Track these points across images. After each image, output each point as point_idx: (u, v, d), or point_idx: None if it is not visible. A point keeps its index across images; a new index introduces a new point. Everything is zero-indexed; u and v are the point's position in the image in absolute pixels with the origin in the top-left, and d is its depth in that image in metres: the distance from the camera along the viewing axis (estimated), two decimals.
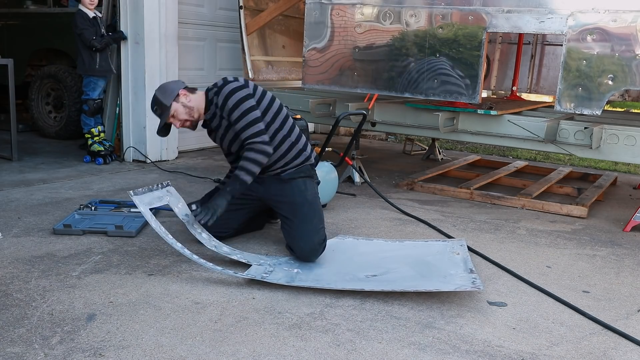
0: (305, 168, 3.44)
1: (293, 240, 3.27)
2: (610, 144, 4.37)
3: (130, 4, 5.59)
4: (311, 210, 3.31)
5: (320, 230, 3.28)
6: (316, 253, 3.24)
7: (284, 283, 2.90)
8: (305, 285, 2.89)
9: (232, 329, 2.46)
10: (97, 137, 5.59)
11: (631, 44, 3.99)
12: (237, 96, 3.22)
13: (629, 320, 2.76)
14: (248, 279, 2.96)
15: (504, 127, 4.75)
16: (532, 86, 7.66)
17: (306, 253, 3.21)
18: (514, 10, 4.32)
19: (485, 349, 2.41)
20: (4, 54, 5.88)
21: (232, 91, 3.23)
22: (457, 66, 4.54)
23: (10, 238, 3.43)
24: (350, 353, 2.31)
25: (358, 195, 4.86)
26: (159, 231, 3.00)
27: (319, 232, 3.26)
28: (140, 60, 5.64)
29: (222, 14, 6.56)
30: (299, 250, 3.23)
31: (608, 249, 3.81)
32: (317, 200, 3.42)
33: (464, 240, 3.61)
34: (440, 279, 3.02)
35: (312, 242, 3.21)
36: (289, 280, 2.94)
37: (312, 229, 3.24)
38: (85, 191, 4.57)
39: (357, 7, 4.92)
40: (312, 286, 2.89)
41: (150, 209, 3.06)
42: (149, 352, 2.24)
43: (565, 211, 4.60)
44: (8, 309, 2.53)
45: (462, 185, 5.09)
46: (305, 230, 3.23)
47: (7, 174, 5.00)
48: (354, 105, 5.07)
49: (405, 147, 7.31)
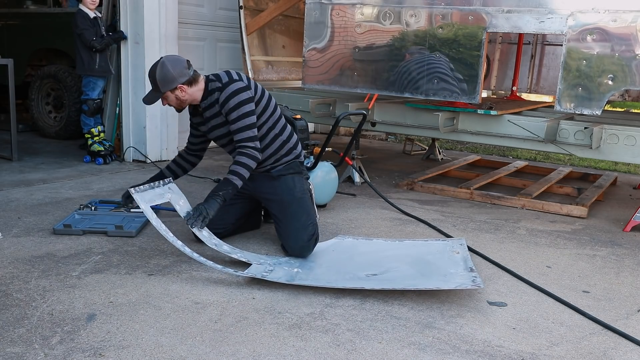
0: (294, 164, 3.49)
1: (284, 239, 3.38)
2: (610, 144, 4.37)
3: (130, 4, 5.59)
4: (299, 208, 3.37)
5: (309, 227, 3.32)
6: (307, 249, 3.30)
7: (284, 282, 2.90)
8: (306, 284, 2.89)
9: (232, 329, 2.46)
10: (97, 137, 5.59)
11: (631, 44, 3.99)
12: (239, 97, 3.22)
13: (629, 320, 2.76)
14: (248, 279, 2.96)
15: (504, 127, 4.75)
16: (532, 86, 7.66)
17: (297, 251, 3.30)
18: (514, 10, 4.32)
19: (485, 349, 2.41)
20: (4, 54, 5.88)
21: (235, 91, 3.23)
22: (457, 66, 4.54)
23: (10, 238, 3.43)
24: (350, 353, 2.31)
25: (358, 195, 4.86)
26: (159, 229, 3.00)
27: (307, 228, 3.31)
28: (140, 60, 5.64)
29: (222, 14, 6.56)
30: (290, 249, 3.32)
31: (608, 249, 3.81)
32: (305, 196, 3.47)
33: (463, 240, 3.61)
34: (440, 277, 3.02)
35: (301, 240, 3.28)
36: (289, 279, 2.94)
37: (300, 226, 3.30)
38: (85, 191, 4.57)
39: (357, 7, 4.92)
40: (312, 285, 2.89)
41: (151, 207, 3.05)
42: (149, 352, 2.24)
43: (565, 211, 4.60)
44: (8, 309, 2.53)
45: (462, 185, 5.09)
46: (293, 229, 3.31)
47: (7, 174, 5.00)
48: (354, 105, 5.07)
49: (405, 147, 7.31)
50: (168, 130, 5.95)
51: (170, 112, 5.92)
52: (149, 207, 3.03)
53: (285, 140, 3.46)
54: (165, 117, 5.89)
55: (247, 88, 3.27)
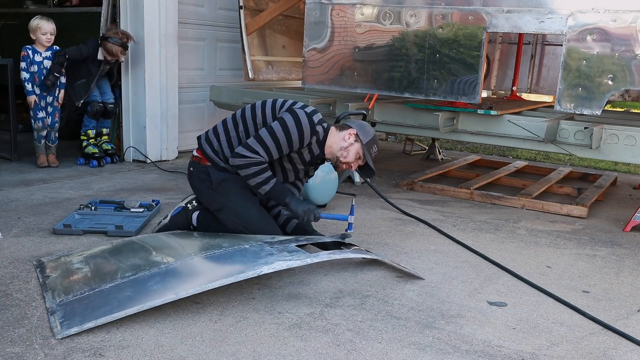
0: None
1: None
2: (610, 144, 4.37)
3: (130, 4, 5.59)
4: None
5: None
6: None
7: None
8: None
9: (232, 329, 2.46)
10: (92, 139, 5.57)
11: (631, 44, 3.99)
12: (296, 118, 3.19)
13: (629, 320, 2.76)
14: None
15: (504, 127, 4.75)
16: (532, 86, 7.67)
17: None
18: (514, 10, 4.32)
19: (485, 349, 2.41)
20: (4, 54, 5.88)
21: (298, 111, 3.23)
22: (457, 66, 4.54)
23: (10, 238, 3.43)
24: (350, 353, 2.31)
25: (358, 195, 4.86)
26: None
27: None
28: (140, 60, 5.64)
29: (222, 14, 6.56)
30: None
31: (608, 249, 3.81)
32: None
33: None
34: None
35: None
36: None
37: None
38: (85, 191, 4.57)
39: (357, 7, 4.92)
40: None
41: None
42: (149, 352, 2.24)
43: (565, 211, 4.60)
44: (8, 309, 2.53)
45: (462, 185, 5.09)
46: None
47: (7, 174, 5.00)
48: (354, 105, 5.08)
49: (405, 147, 7.31)
50: (168, 130, 5.95)
51: (170, 112, 5.93)
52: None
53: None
54: (165, 117, 5.89)
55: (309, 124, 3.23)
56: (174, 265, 2.78)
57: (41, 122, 5.23)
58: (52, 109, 5.26)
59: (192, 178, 3.39)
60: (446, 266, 3.34)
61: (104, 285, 2.64)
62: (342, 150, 3.29)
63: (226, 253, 2.89)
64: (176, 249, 3.10)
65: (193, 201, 3.56)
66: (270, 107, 3.32)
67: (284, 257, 2.73)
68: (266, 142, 3.14)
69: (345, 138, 3.29)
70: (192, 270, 2.78)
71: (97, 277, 2.74)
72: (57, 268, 2.92)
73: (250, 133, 3.27)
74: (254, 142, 3.15)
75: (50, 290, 2.68)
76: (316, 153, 3.35)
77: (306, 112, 3.23)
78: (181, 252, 3.00)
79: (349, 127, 3.33)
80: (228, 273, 2.63)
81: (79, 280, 2.74)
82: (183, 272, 2.75)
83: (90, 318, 2.40)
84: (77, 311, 2.47)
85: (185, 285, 2.59)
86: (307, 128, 3.19)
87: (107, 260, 2.96)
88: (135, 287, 2.60)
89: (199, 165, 3.35)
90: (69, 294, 2.61)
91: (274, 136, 3.15)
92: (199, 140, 3.40)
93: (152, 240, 3.28)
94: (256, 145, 3.14)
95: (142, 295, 2.54)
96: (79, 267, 2.90)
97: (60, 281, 2.76)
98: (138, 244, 3.21)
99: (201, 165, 3.33)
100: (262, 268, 2.63)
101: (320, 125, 3.28)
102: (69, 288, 2.67)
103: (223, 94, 5.96)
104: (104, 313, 2.42)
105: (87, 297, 2.56)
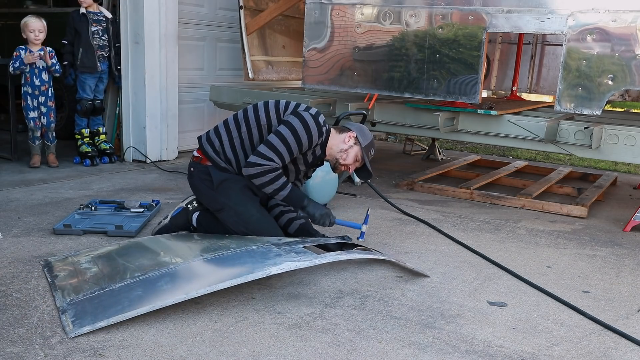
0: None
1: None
2: (610, 144, 4.37)
3: (130, 4, 5.59)
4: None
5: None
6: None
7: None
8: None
9: (232, 329, 2.46)
10: (86, 138, 5.57)
11: (631, 44, 3.99)
12: (304, 121, 3.19)
13: (629, 320, 2.76)
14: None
15: (504, 127, 4.75)
16: (532, 86, 7.67)
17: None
18: (514, 10, 4.32)
19: (485, 349, 2.41)
20: (4, 54, 5.88)
21: (305, 116, 3.23)
22: (457, 66, 4.54)
23: (10, 238, 3.43)
24: (350, 353, 2.32)
25: (358, 195, 4.86)
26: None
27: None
28: (140, 60, 5.64)
29: (222, 14, 6.56)
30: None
31: (608, 249, 3.81)
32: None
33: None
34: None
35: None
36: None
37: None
38: (85, 191, 4.57)
39: (357, 7, 4.92)
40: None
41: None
42: (149, 352, 2.24)
43: (565, 211, 4.60)
44: (8, 309, 2.53)
45: (462, 185, 5.09)
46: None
47: (7, 174, 5.00)
48: (354, 105, 5.07)
49: (405, 147, 7.31)
50: (168, 130, 5.95)
51: (170, 112, 5.93)
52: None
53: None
54: (165, 117, 5.89)
55: (316, 128, 3.23)
56: (182, 266, 2.79)
57: (32, 122, 5.24)
58: (46, 109, 5.26)
59: (192, 178, 3.39)
60: (446, 266, 3.34)
61: (113, 285, 2.65)
62: (341, 152, 3.30)
63: (234, 254, 2.89)
64: (184, 250, 3.11)
65: (193, 202, 3.56)
66: (274, 109, 3.31)
67: (292, 258, 2.73)
68: (278, 148, 3.15)
69: (345, 140, 3.30)
70: (201, 271, 2.79)
71: (107, 277, 2.74)
72: (65, 268, 2.93)
73: (253, 135, 3.27)
74: (265, 149, 3.15)
75: (60, 290, 2.69)
76: (318, 154, 3.36)
77: (312, 115, 3.24)
78: (189, 253, 3.02)
79: (349, 129, 3.33)
80: (237, 274, 2.63)
81: (88, 280, 2.74)
82: (192, 273, 2.76)
83: (102, 317, 2.40)
84: (88, 310, 2.47)
85: (195, 285, 2.59)
86: (315, 131, 3.20)
87: (115, 261, 2.96)
88: (145, 287, 2.61)
89: (199, 166, 3.35)
90: (79, 293, 2.62)
91: (285, 141, 3.15)
92: (199, 141, 3.40)
93: (159, 242, 3.30)
94: (269, 152, 3.14)
95: (152, 295, 2.54)
96: (87, 267, 2.91)
97: (69, 280, 2.76)
98: (145, 244, 3.22)
99: (202, 166, 3.33)
100: (271, 269, 2.63)
101: (324, 127, 3.30)
102: (78, 287, 2.68)
103: (223, 94, 5.96)
104: (115, 312, 2.42)
105: (98, 297, 2.57)
